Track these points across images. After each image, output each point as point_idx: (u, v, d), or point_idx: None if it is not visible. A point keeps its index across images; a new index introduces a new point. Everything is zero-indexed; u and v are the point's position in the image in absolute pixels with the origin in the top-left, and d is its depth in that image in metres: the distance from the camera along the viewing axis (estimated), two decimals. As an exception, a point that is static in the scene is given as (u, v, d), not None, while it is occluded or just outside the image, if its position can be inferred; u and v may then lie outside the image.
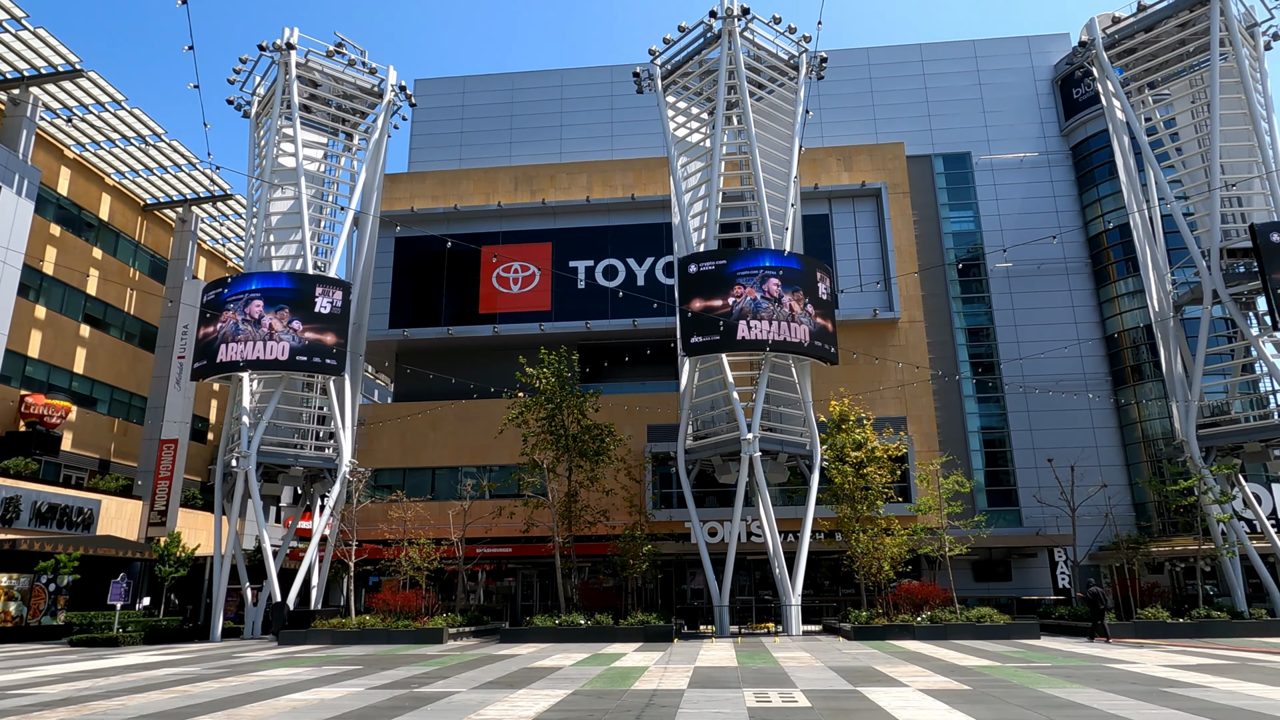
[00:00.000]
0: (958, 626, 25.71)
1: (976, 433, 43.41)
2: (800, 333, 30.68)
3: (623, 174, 45.80)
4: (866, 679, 15.04)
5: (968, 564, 40.88)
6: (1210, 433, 30.36)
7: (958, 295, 45.23)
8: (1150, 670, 16.06)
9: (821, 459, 31.79)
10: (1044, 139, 47.12)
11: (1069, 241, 45.15)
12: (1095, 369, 43.58)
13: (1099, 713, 10.88)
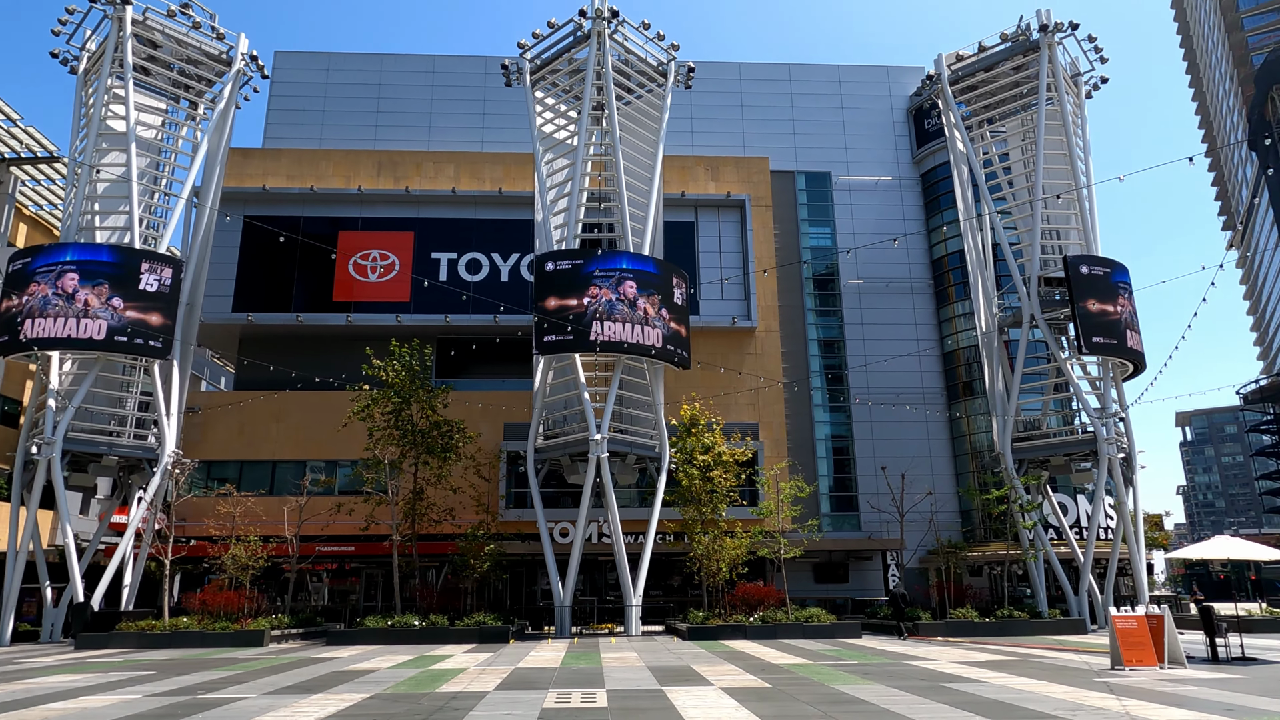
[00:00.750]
0: (788, 626, 26.63)
1: (824, 440, 45.29)
2: (654, 336, 31.03)
3: (492, 167, 45.03)
4: (677, 679, 15.25)
5: (809, 566, 42.55)
6: (1023, 446, 32.89)
7: (813, 308, 47.08)
8: (942, 667, 17.09)
9: (670, 462, 32.24)
10: (898, 164, 49.82)
11: (915, 263, 47.92)
12: (933, 384, 46.41)
13: (874, 707, 11.42)
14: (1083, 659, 18.14)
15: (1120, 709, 11.03)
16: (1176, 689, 13.02)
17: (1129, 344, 31.81)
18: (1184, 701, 11.63)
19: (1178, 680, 14.13)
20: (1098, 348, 31.07)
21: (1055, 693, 12.77)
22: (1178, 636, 16.45)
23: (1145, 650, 15.90)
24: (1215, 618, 17.94)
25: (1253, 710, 10.78)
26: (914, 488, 38.20)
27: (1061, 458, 32.44)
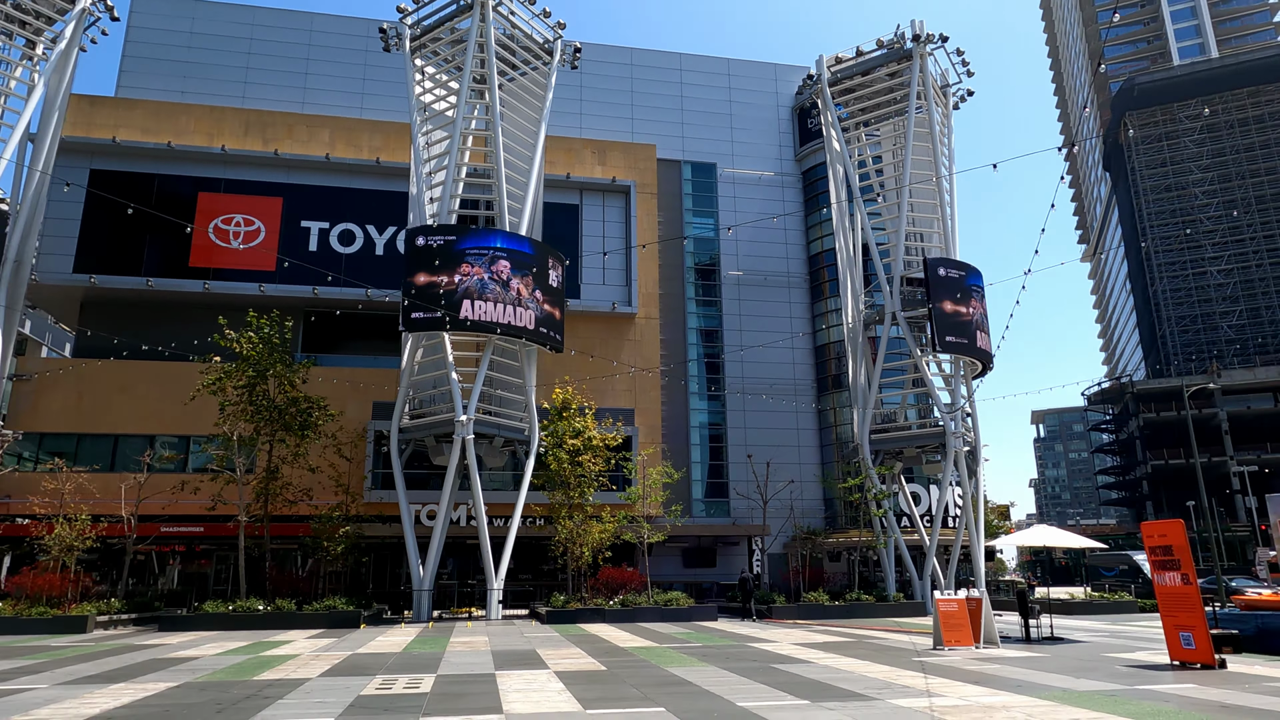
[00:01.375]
0: (647, 610, 26.94)
1: (699, 428, 46.06)
2: (526, 318, 30.61)
3: (371, 135, 43.22)
4: (516, 663, 15.11)
5: (678, 551, 43.25)
6: (880, 438, 34.42)
7: (694, 297, 47.68)
8: (780, 649, 17.64)
9: (540, 445, 31.98)
10: (781, 161, 50.99)
11: (793, 258, 49.27)
12: (804, 375, 47.94)
13: (696, 689, 11.62)
14: (912, 640, 19.14)
15: (924, 686, 11.63)
16: (981, 667, 13.87)
17: (979, 344, 33.74)
18: (984, 679, 12.38)
19: (986, 659, 15.07)
20: (950, 346, 32.81)
21: (872, 672, 13.37)
22: (993, 619, 17.55)
23: (963, 631, 16.89)
24: (1029, 601, 19.27)
25: (1041, 686, 11.58)
26: (781, 476, 39.47)
27: (914, 449, 34.16)
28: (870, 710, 9.70)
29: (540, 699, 10.73)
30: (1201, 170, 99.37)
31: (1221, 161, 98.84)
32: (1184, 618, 13.62)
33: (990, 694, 10.85)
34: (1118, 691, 10.97)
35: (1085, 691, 11.00)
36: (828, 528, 44.31)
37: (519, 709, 9.97)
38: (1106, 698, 10.44)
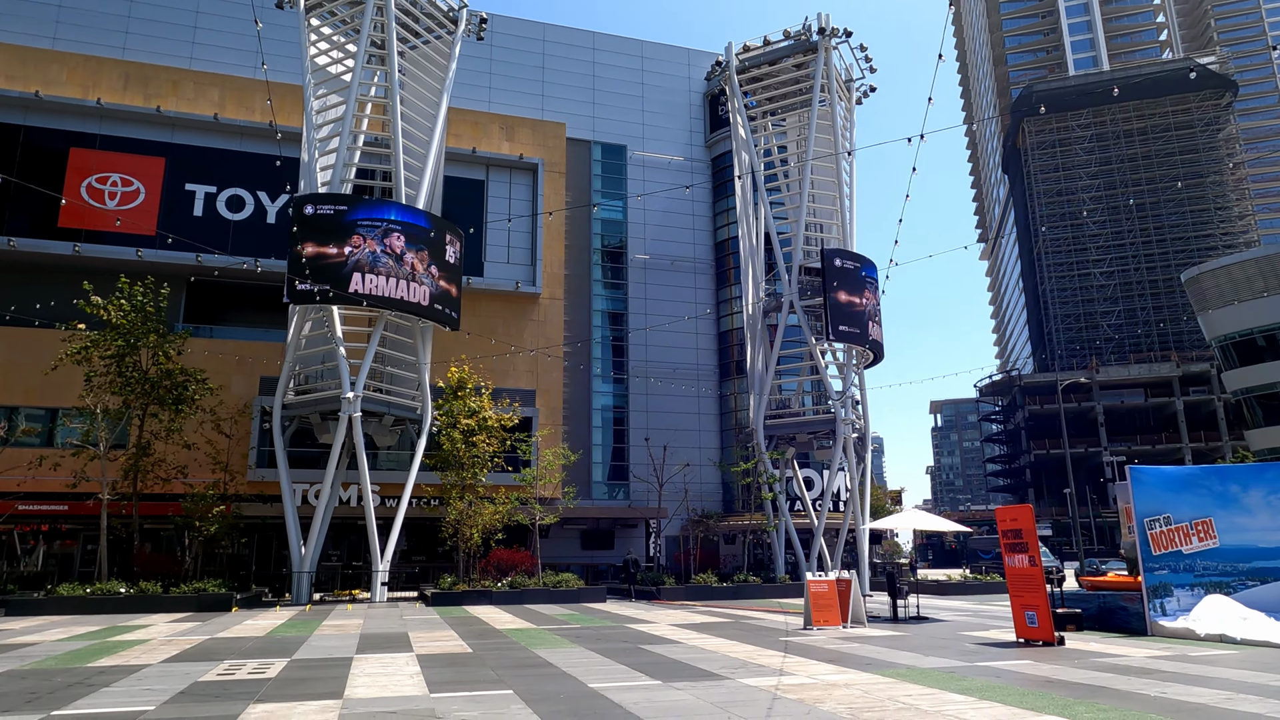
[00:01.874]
0: (535, 591, 26.78)
1: (601, 411, 46.01)
2: (420, 293, 29.79)
3: (265, 97, 41.12)
4: (381, 646, 14.71)
5: (577, 533, 43.22)
6: (775, 423, 35.13)
7: (600, 279, 47.47)
8: (656, 629, 17.76)
9: (433, 424, 31.29)
10: (691, 146, 51.16)
11: (700, 244, 49.62)
12: (708, 361, 48.46)
13: (556, 670, 11.53)
14: (786, 620, 19.59)
15: (779, 666, 11.85)
16: (840, 646, 14.27)
17: (870, 334, 34.74)
18: (838, 658, 12.72)
19: (847, 638, 15.53)
20: (843, 335, 33.67)
21: (736, 652, 13.57)
22: (862, 599, 18.11)
23: (832, 612, 17.38)
24: (898, 582, 20.00)
25: (888, 664, 11.96)
26: (683, 460, 39.79)
27: (807, 435, 35.00)
28: (717, 689, 9.80)
29: (388, 683, 10.43)
30: (1090, 177, 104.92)
31: (1108, 169, 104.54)
32: (1029, 597, 14.32)
33: (838, 672, 11.13)
34: (957, 668, 11.43)
35: (927, 668, 11.42)
36: (725, 511, 45.04)
37: (361, 694, 9.66)
38: (945, 674, 10.85)
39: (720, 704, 8.83)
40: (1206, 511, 15.75)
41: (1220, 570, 15.55)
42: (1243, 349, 57.06)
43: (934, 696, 9.15)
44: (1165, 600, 15.42)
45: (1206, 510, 15.76)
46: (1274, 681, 9.96)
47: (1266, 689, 9.44)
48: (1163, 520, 15.62)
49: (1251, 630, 13.97)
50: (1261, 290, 54.96)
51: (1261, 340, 55.85)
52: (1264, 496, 15.59)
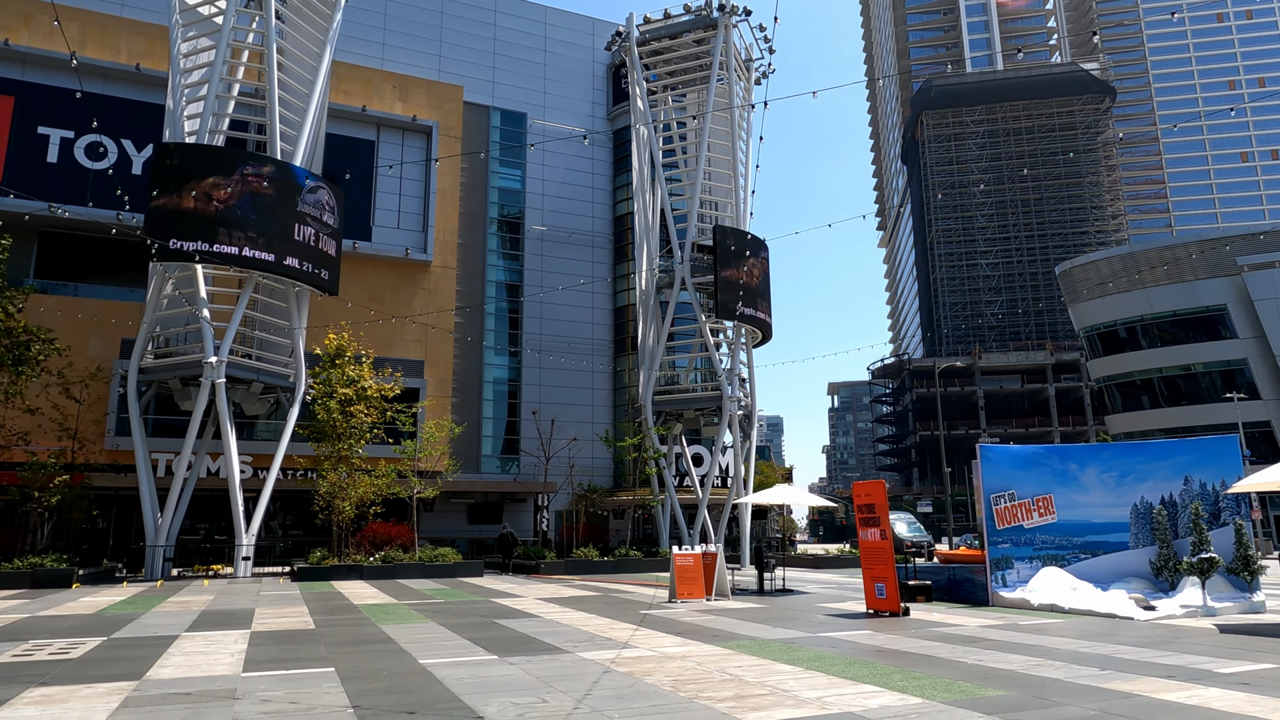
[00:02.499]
0: (408, 566, 26.08)
1: (493, 383, 45.18)
2: (294, 254, 28.28)
3: (132, 37, 38.17)
4: (218, 623, 13.90)
5: (464, 507, 42.47)
6: (663, 399, 35.27)
7: (495, 249, 46.42)
8: (521, 604, 17.48)
9: (308, 394, 29.95)
10: (593, 118, 50.48)
11: (598, 217, 49.15)
12: (603, 336, 48.24)
13: (393, 647, 11.08)
14: (655, 593, 19.65)
15: (626, 639, 11.75)
16: (696, 618, 14.33)
17: (759, 313, 35.21)
18: (689, 630, 12.73)
19: (706, 611, 15.64)
20: (732, 314, 33.97)
21: (590, 625, 13.43)
22: (726, 572, 18.31)
23: (696, 585, 17.49)
24: (765, 556, 20.35)
25: (735, 635, 12.03)
26: (575, 435, 39.51)
27: (694, 412, 35.28)
28: (553, 663, 9.59)
29: (202, 663, 9.76)
30: (980, 171, 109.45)
31: (997, 165, 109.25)
32: (879, 570, 14.72)
33: (681, 644, 11.11)
34: (798, 639, 11.59)
35: (769, 639, 11.54)
36: (616, 486, 45.10)
37: (166, 674, 8.98)
38: (783, 645, 10.97)
39: (546, 678, 8.61)
40: (1048, 489, 16.55)
41: (1057, 544, 16.39)
42: (1107, 339, 60.90)
43: (763, 668, 9.18)
44: (1006, 572, 16.16)
45: (1048, 487, 16.56)
46: (1082, 648, 10.47)
47: (1074, 655, 9.91)
48: (1007, 497, 16.33)
49: (1079, 600, 14.78)
50: (1125, 285, 58.68)
51: (1123, 332, 59.73)
52: (1098, 475, 16.50)
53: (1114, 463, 16.54)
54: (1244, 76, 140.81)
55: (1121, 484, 16.30)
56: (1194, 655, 9.82)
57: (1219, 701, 7.18)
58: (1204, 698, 7.35)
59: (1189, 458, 15.86)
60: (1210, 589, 14.48)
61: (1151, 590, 15.42)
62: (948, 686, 7.99)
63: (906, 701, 7.30)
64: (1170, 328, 56.82)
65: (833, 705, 7.17)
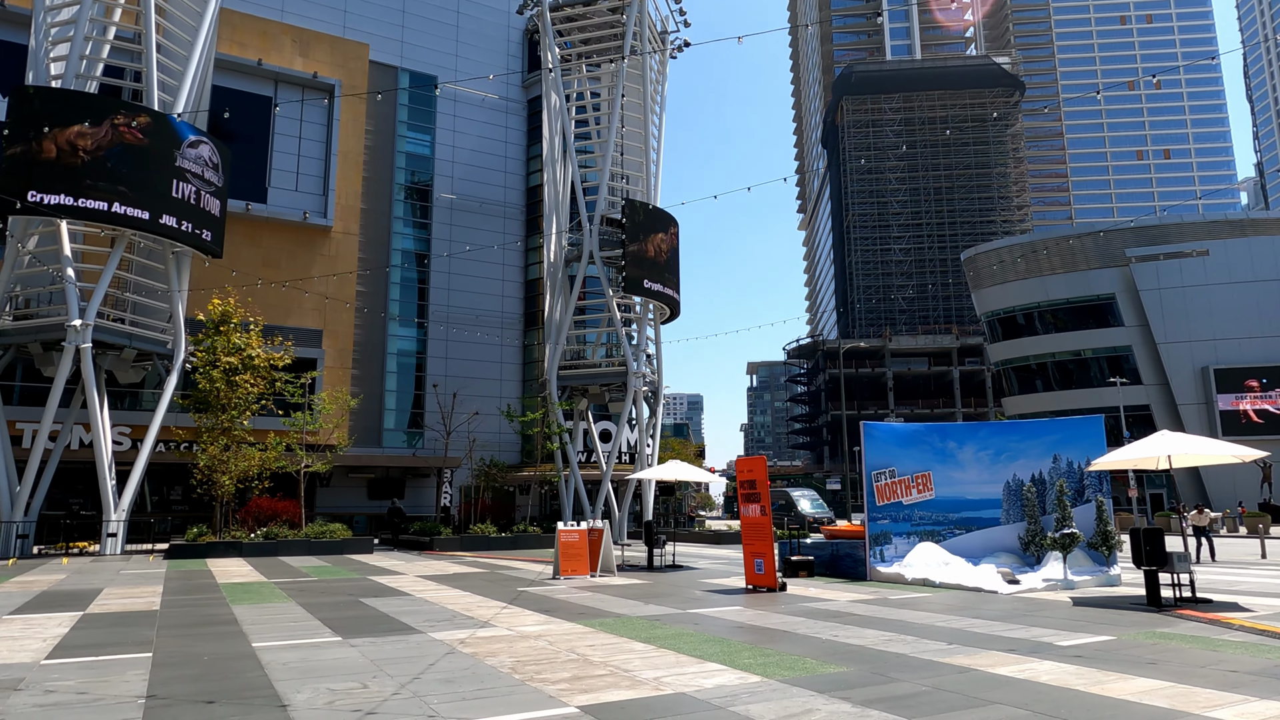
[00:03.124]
0: (293, 543, 25.02)
1: (397, 355, 43.78)
2: (172, 212, 26.50)
3: (-5, -30, 34.96)
4: (51, 605, 12.89)
5: (364, 482, 41.23)
6: (568, 374, 34.79)
7: (402, 217, 44.79)
8: (397, 582, 16.86)
9: (189, 362, 28.30)
10: (508, 85, 49.12)
11: (511, 188, 47.99)
12: (513, 309, 47.30)
13: (232, 629, 10.37)
14: (542, 569, 19.28)
15: (489, 618, 11.33)
16: (572, 595, 14.02)
17: (667, 289, 34.99)
18: (559, 608, 12.39)
19: (585, 588, 15.36)
20: (640, 289, 33.65)
21: (459, 603, 12.96)
22: (613, 548, 18.07)
23: (580, 561, 17.19)
24: (654, 532, 20.22)
25: (604, 613, 11.75)
26: (480, 409, 38.67)
27: (599, 387, 34.93)
28: (398, 644, 9.10)
29: (4, 649, 8.89)
30: (896, 158, 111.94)
31: (913, 153, 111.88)
32: (759, 545, 14.68)
33: (544, 623, 10.76)
34: (665, 616, 11.39)
35: (636, 616, 11.30)
36: (523, 462, 44.52)
37: (-47, 663, 8.10)
38: (647, 623, 10.74)
39: (382, 660, 8.12)
40: (927, 466, 16.83)
41: (934, 520, 16.71)
42: (1006, 325, 63.25)
43: (615, 646, 8.91)
44: (885, 547, 16.39)
45: (927, 464, 16.83)
46: (939, 622, 10.58)
47: (928, 629, 9.98)
48: (888, 474, 16.53)
49: (950, 574, 15.08)
50: (1024, 273, 60.95)
51: (1021, 318, 62.11)
52: (974, 453, 16.87)
53: (990, 441, 16.93)
54: (1143, 77, 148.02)
55: (996, 462, 16.70)
56: (1042, 629, 10.02)
57: (1048, 675, 7.23)
58: (1035, 671, 7.40)
59: (1058, 437, 16.34)
60: (1071, 563, 14.98)
61: (1019, 564, 15.88)
62: (793, 664, 7.86)
63: (745, 680, 7.11)
64: (1064, 315, 59.36)
65: (668, 686, 6.92)
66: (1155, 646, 8.63)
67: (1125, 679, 7.03)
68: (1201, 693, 6.51)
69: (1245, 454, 12.27)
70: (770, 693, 6.63)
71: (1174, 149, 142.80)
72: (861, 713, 6.01)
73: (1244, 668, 7.47)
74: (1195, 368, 53.29)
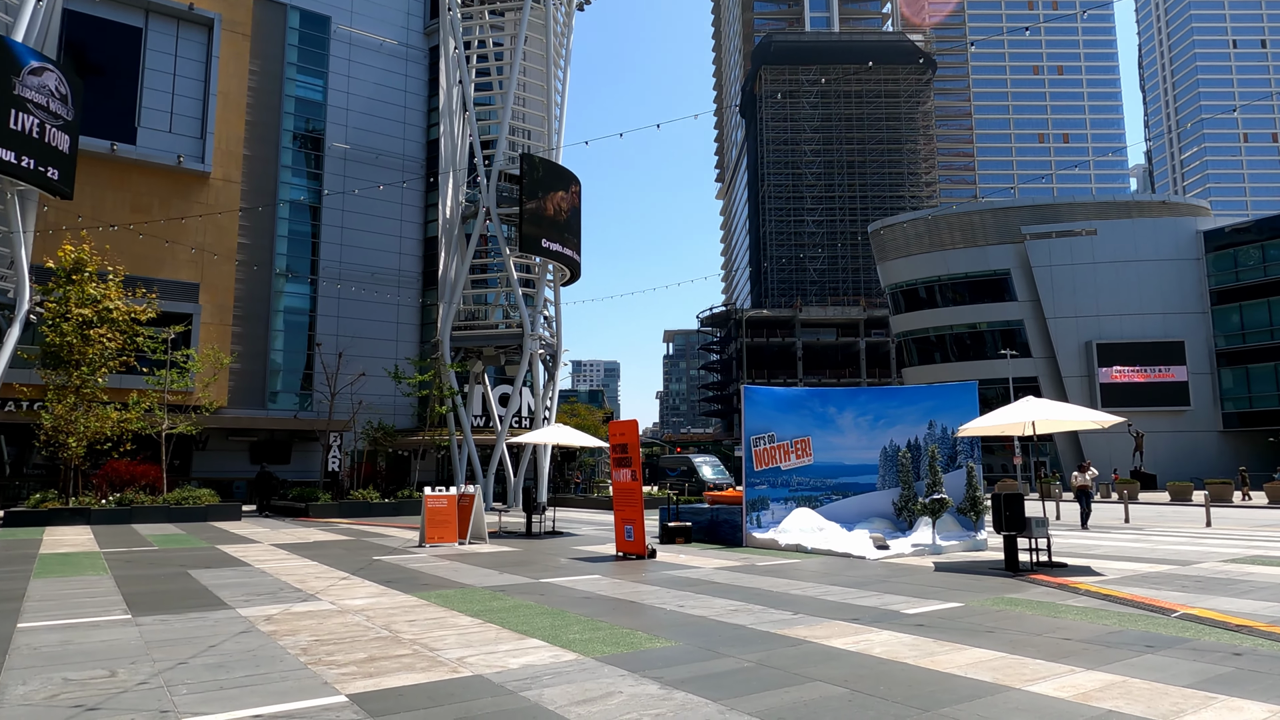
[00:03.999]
0: (150, 510, 23.26)
1: (285, 313, 41.47)
2: (8, 145, 23.91)
3: None
4: None
5: (245, 445, 39.14)
6: (462, 335, 33.52)
7: (290, 165, 42.18)
8: (245, 551, 15.67)
9: (35, 313, 25.85)
10: (408, 31, 46.62)
11: (410, 140, 45.79)
12: (411, 267, 45.41)
13: (11, 609, 9.16)
14: (411, 536, 18.35)
15: (319, 590, 10.41)
16: (427, 565, 13.18)
17: (566, 249, 33.97)
18: (404, 578, 11.55)
19: (446, 556, 14.54)
20: (537, 248, 32.52)
21: (299, 574, 11.97)
22: (484, 515, 17.27)
23: (448, 528, 16.34)
24: (533, 498, 19.51)
25: (450, 583, 10.96)
26: (362, 369, 36.93)
27: (495, 349, 33.80)
28: (192, 622, 8.10)
29: None
30: (812, 130, 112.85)
31: (828, 126, 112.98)
32: (629, 512, 14.12)
33: (378, 595, 9.91)
34: (513, 586, 10.69)
35: (482, 587, 10.57)
36: (419, 426, 43.01)
37: None
38: (489, 593, 10.02)
39: (160, 641, 7.14)
40: (807, 431, 16.58)
41: (812, 485, 16.51)
42: (909, 297, 64.71)
43: (439, 621, 8.15)
44: (762, 513, 16.10)
45: (807, 429, 16.58)
46: (795, 590, 10.22)
47: (780, 598, 9.58)
48: (767, 438, 16.20)
49: (822, 540, 14.89)
50: (927, 246, 62.31)
51: (923, 291, 63.60)
52: (854, 418, 16.71)
53: (869, 407, 16.78)
54: (1047, 64, 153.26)
55: (875, 428, 16.57)
56: (895, 595, 9.75)
57: (881, 647, 6.83)
58: (870, 643, 7.00)
59: (934, 403, 16.30)
60: (941, 528, 14.99)
61: (892, 530, 15.84)
62: (620, 638, 7.26)
63: (557, 659, 6.46)
64: (962, 288, 61.05)
65: (468, 667, 6.20)
66: (999, 614, 8.41)
67: (959, 650, 6.69)
68: (1030, 664, 6.20)
69: (1103, 419, 12.32)
70: (577, 673, 6.00)
71: (1072, 134, 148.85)
72: (667, 694, 5.43)
73: (1078, 635, 7.26)
74: (1080, 342, 55.66)
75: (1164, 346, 54.55)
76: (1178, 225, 56.48)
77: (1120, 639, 7.08)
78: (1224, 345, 54.85)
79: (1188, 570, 11.85)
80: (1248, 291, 53.98)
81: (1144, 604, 8.84)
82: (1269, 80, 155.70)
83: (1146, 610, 8.54)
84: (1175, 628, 7.58)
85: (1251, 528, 20.46)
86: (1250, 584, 10.38)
